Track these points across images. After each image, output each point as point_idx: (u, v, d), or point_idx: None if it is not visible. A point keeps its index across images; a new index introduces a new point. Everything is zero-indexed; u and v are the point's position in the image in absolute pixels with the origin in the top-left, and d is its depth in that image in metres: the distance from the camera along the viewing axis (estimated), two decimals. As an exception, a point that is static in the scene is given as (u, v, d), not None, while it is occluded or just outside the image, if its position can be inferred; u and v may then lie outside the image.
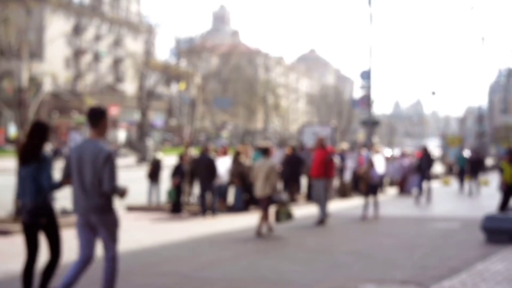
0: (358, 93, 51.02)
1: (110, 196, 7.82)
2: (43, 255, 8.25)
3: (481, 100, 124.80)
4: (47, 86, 72.16)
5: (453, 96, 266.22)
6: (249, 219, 19.22)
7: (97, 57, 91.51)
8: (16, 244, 13.40)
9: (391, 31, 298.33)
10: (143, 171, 29.31)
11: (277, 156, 25.48)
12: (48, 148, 6.21)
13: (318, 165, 18.35)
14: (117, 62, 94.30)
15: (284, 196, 16.66)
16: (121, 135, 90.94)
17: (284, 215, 16.02)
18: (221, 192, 21.52)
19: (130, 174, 45.38)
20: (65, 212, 18.38)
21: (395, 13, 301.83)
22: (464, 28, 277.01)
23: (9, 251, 12.40)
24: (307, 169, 23.48)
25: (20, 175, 8.30)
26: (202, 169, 19.94)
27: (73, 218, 17.53)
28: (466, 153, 35.63)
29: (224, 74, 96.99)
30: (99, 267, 8.02)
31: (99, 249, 7.89)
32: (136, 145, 77.72)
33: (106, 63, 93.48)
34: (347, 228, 17.68)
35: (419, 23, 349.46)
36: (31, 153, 8.17)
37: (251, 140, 79.28)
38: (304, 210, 21.14)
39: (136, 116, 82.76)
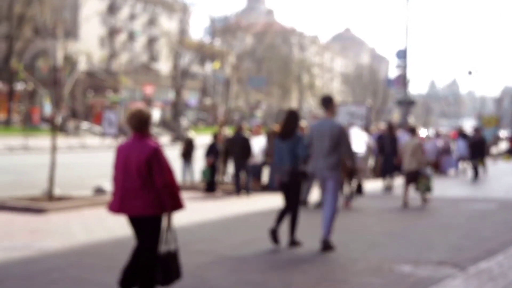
0: (393, 73, 50.84)
1: (351, 155, 11.39)
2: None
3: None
4: (82, 65, 72.54)
5: (489, 76, 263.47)
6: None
7: (131, 36, 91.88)
8: (51, 222, 13.48)
9: (428, 9, 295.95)
10: (177, 150, 29.37)
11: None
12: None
13: None
14: (151, 41, 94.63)
15: (429, 170, 18.76)
16: (156, 114, 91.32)
17: (422, 185, 17.97)
18: (256, 172, 21.44)
19: (165, 153, 45.60)
20: (100, 191, 18.50)
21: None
22: (502, 7, 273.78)
23: (45, 229, 12.46)
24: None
25: (279, 147, 11.33)
26: (236, 148, 19.91)
27: (107, 198, 17.66)
28: (502, 134, 35.02)
29: (258, 53, 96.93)
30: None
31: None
32: (170, 124, 78.05)
33: (140, 42, 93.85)
34: (382, 208, 17.54)
35: (456, 1, 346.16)
36: (289, 133, 11.25)
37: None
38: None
39: (171, 95, 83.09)
